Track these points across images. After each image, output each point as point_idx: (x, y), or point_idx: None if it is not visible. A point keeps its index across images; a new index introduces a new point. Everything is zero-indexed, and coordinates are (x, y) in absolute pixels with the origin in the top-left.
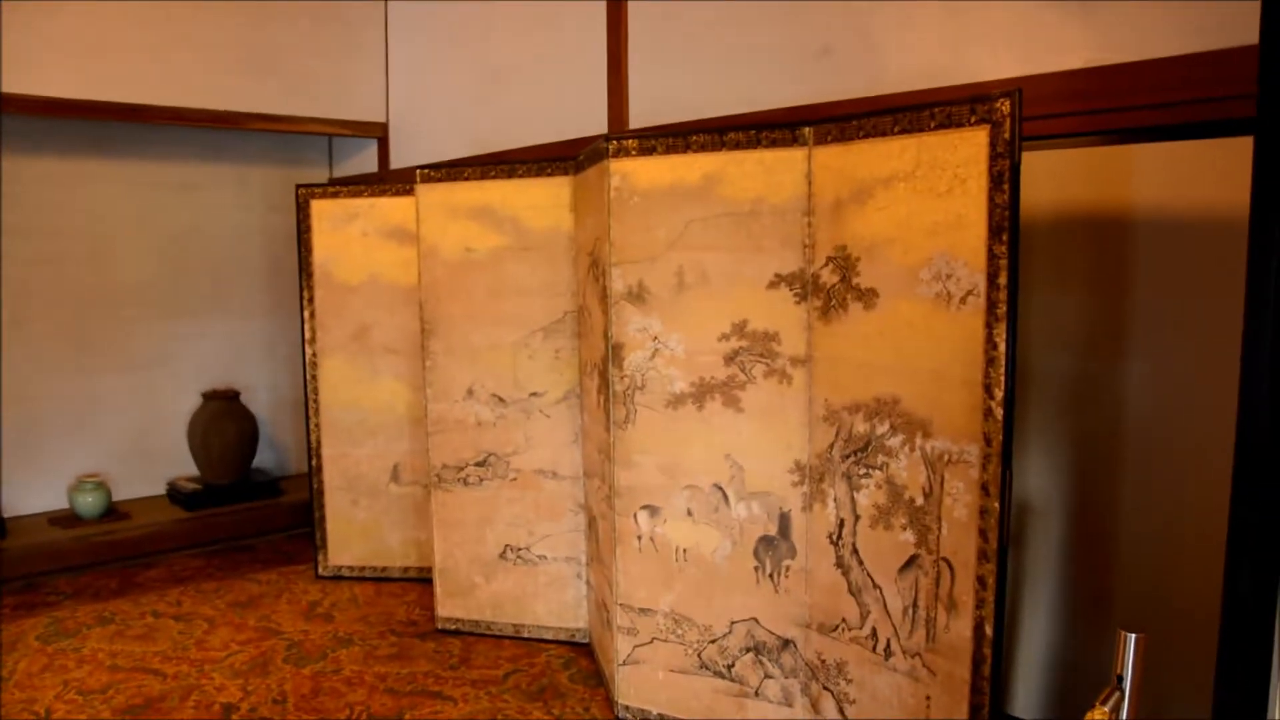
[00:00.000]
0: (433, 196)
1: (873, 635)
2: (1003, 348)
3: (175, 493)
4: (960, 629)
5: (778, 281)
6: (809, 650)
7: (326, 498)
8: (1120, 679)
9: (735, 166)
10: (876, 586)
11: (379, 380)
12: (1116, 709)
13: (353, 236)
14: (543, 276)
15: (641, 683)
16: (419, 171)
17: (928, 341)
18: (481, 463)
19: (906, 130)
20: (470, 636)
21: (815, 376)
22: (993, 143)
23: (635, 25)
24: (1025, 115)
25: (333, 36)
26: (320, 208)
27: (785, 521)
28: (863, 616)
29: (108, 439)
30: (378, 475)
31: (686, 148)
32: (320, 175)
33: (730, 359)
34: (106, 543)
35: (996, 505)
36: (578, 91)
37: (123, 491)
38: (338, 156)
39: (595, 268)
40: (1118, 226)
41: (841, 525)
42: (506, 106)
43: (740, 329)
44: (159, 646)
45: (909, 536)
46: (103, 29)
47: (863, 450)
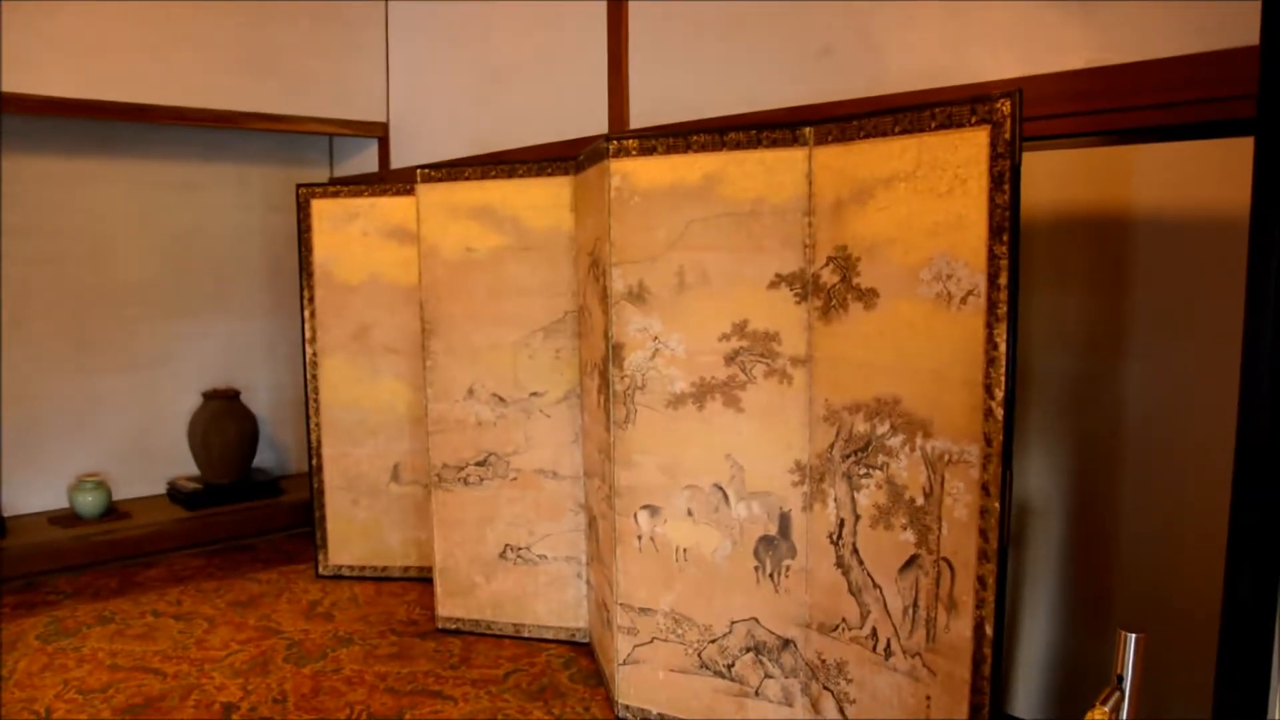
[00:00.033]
0: (433, 196)
1: (873, 635)
2: (1003, 348)
3: (175, 492)
4: (960, 629)
5: (778, 281)
6: (809, 650)
7: (327, 497)
8: (1120, 679)
9: (736, 166)
10: (877, 586)
11: (379, 380)
12: (1116, 709)
13: (353, 236)
14: (543, 276)
15: (642, 682)
16: (419, 171)
17: (928, 341)
18: (482, 462)
19: (907, 130)
20: (470, 636)
21: (816, 376)
22: (993, 143)
23: (636, 25)
24: (1026, 115)
25: (333, 36)
26: (321, 207)
27: (785, 521)
28: (863, 616)
29: (108, 438)
30: (378, 475)
31: (687, 148)
32: (321, 175)
33: (731, 359)
34: (106, 542)
35: (997, 505)
36: (578, 91)
37: (123, 491)
38: (338, 156)
39: (596, 268)
40: (1118, 226)
41: (842, 525)
42: (507, 106)
43: (741, 329)
44: (159, 646)
45: (909, 536)
46: (103, 29)
47: (863, 450)
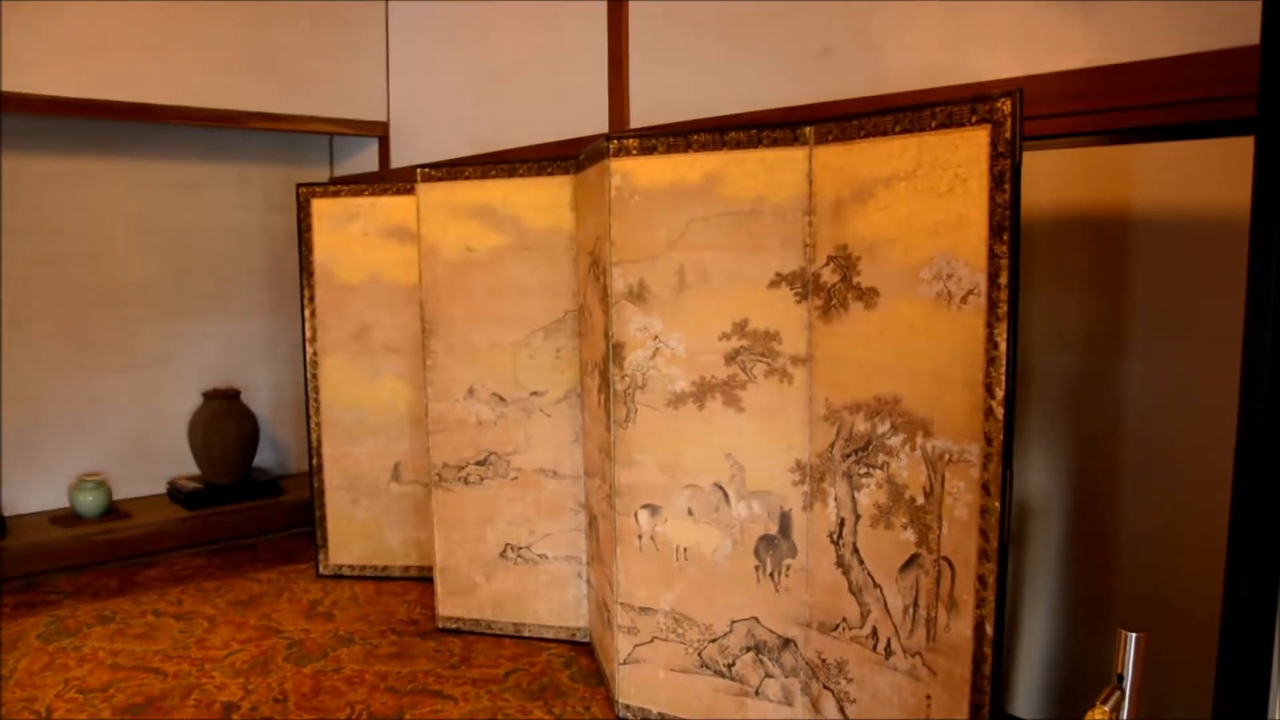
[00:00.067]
0: (433, 196)
1: (873, 634)
2: (1003, 347)
3: (176, 492)
4: (961, 628)
5: (778, 281)
6: (809, 649)
7: (327, 497)
8: (1120, 679)
9: (736, 166)
10: (877, 586)
11: (379, 379)
12: (1117, 709)
13: (353, 236)
14: (543, 276)
15: (642, 682)
16: (419, 171)
17: (928, 341)
18: (482, 462)
19: (907, 130)
20: (471, 635)
21: (816, 376)
22: (994, 142)
23: (636, 25)
24: (1026, 115)
25: (333, 36)
26: (321, 207)
27: (786, 521)
28: (863, 616)
29: (108, 438)
30: (378, 474)
31: (687, 147)
32: (321, 175)
33: (731, 358)
34: (107, 542)
35: (997, 505)
36: (578, 91)
37: (123, 491)
38: (338, 156)
39: (596, 267)
40: (1118, 226)
41: (842, 524)
42: (507, 106)
43: (741, 328)
44: (159, 645)
45: (909, 536)
46: (103, 28)
47: (863, 449)
